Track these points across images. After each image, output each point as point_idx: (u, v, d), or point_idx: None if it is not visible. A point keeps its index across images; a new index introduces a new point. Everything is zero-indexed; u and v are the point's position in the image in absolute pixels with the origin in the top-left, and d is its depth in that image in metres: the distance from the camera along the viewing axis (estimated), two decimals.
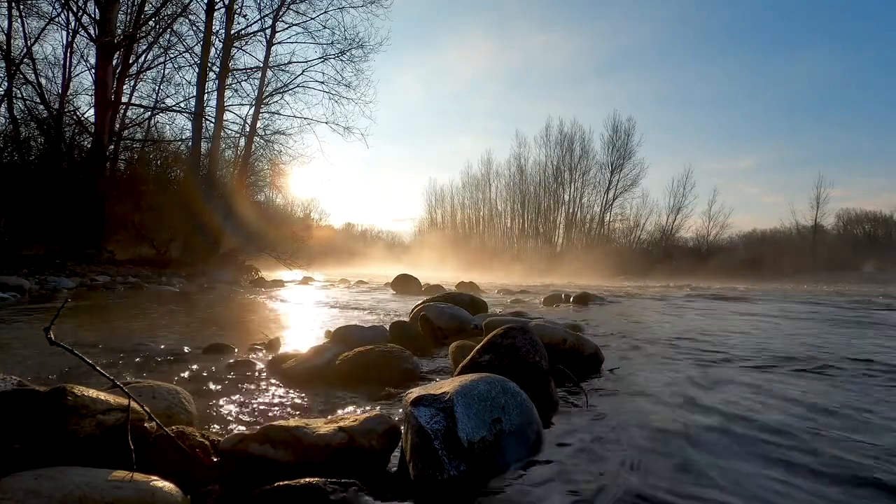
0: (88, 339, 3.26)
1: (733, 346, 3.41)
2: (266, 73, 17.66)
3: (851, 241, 39.85)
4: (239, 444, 1.21)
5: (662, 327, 4.63)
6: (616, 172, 43.20)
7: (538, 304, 7.92)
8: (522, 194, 46.65)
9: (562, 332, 2.56)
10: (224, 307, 6.52)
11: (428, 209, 53.44)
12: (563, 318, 4.89)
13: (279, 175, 20.03)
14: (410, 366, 2.38)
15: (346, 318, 5.03)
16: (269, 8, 17.54)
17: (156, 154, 18.11)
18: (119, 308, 5.75)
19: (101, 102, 13.40)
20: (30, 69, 14.47)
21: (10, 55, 14.26)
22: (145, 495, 0.99)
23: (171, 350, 2.89)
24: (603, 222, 43.95)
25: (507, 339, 1.94)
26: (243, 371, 2.41)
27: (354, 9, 17.92)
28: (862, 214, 42.58)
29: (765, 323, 5.26)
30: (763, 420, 1.71)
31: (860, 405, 1.94)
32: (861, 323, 5.32)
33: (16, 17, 14.54)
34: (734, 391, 2.13)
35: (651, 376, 2.44)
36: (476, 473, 1.21)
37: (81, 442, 1.16)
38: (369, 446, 1.26)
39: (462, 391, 1.33)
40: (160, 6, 15.24)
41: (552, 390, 1.91)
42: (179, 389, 1.60)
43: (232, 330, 4.11)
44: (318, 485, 1.06)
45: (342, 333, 2.98)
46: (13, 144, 13.91)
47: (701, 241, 43.07)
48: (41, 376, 2.16)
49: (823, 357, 2.99)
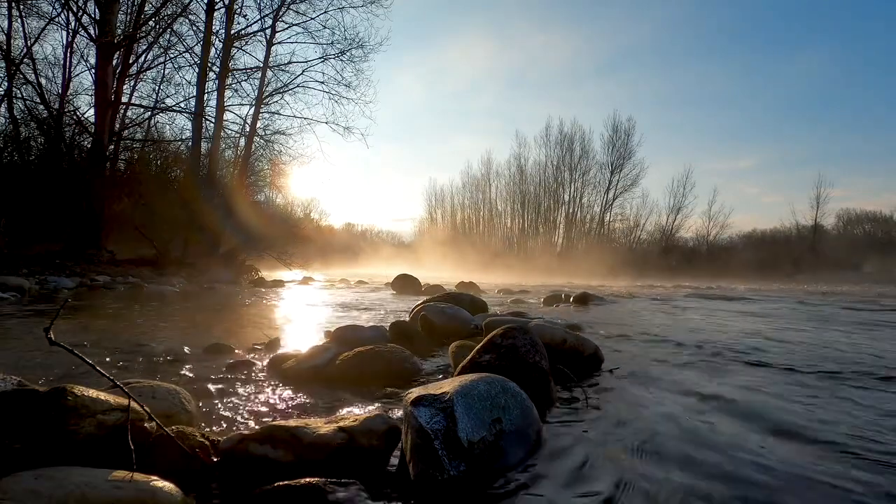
0: (88, 339, 3.26)
1: (734, 346, 3.41)
2: (266, 73, 17.66)
3: (851, 241, 39.84)
4: (239, 444, 1.21)
5: (662, 327, 4.63)
6: (616, 172, 43.20)
7: (538, 304, 7.92)
8: (522, 194, 46.66)
9: (562, 332, 2.56)
10: (224, 307, 6.52)
11: (428, 209, 53.46)
12: (563, 318, 4.89)
13: (279, 175, 20.04)
14: (410, 366, 2.38)
15: (346, 318, 5.03)
16: (269, 8, 17.55)
17: (156, 154, 18.10)
18: (119, 308, 5.75)
19: (101, 102, 13.39)
20: (30, 69, 14.46)
21: (10, 55, 14.25)
22: (145, 495, 0.99)
23: (171, 350, 2.89)
24: (603, 222, 43.94)
25: (507, 339, 1.94)
26: (243, 371, 2.41)
27: (354, 9, 17.91)
28: (862, 214, 42.63)
29: (765, 323, 5.26)
30: (763, 421, 1.71)
31: (861, 406, 1.94)
32: (862, 323, 5.32)
33: (16, 17, 14.53)
34: (735, 391, 2.13)
35: (651, 376, 2.44)
36: (476, 473, 1.21)
37: (81, 442, 1.17)
38: (369, 446, 1.26)
39: (462, 391, 1.33)
40: (160, 6, 15.22)
41: (552, 390, 1.91)
42: (179, 389, 1.60)
43: (232, 330, 4.11)
44: (318, 485, 1.06)
45: (342, 333, 2.98)
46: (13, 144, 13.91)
47: (701, 241, 43.07)
48: (41, 376, 2.16)
49: (822, 357, 2.99)
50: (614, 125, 43.38)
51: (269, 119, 18.68)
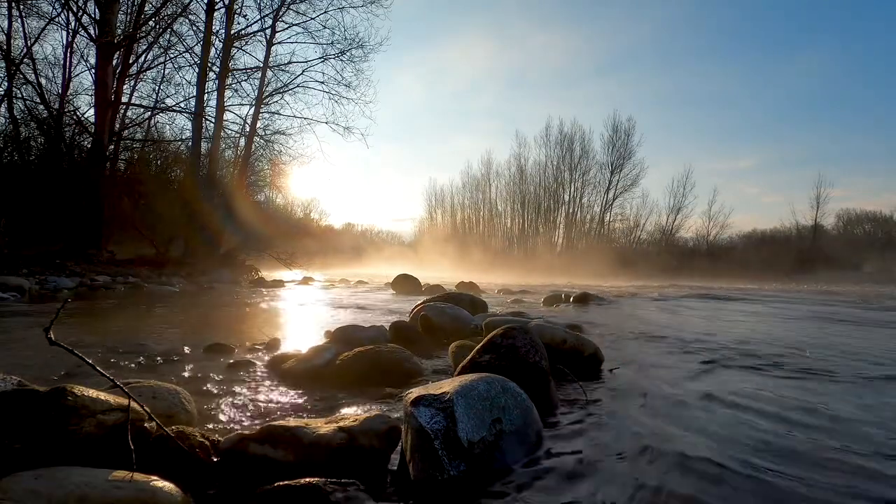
0: (88, 339, 3.26)
1: (734, 346, 3.41)
2: (266, 73, 17.66)
3: (851, 241, 39.83)
4: (239, 443, 1.21)
5: (662, 327, 4.63)
6: (616, 172, 43.17)
7: (538, 304, 7.92)
8: (522, 194, 46.64)
9: (562, 333, 2.56)
10: (224, 307, 6.52)
11: (428, 209, 53.45)
12: (563, 318, 4.89)
13: (279, 175, 20.05)
14: (410, 366, 2.38)
15: (346, 318, 5.03)
16: (269, 8, 17.55)
17: (156, 154, 18.12)
18: (119, 308, 5.75)
19: (101, 102, 13.38)
20: (30, 69, 14.48)
21: (10, 55, 14.26)
22: (145, 495, 0.99)
23: (171, 350, 2.89)
24: (603, 222, 43.92)
25: (507, 340, 1.94)
26: (243, 371, 2.41)
27: (354, 9, 17.91)
28: (862, 214, 42.62)
29: (765, 323, 5.26)
30: (763, 420, 1.71)
31: (861, 406, 1.94)
32: (862, 323, 5.32)
33: (16, 17, 14.55)
34: (735, 391, 2.13)
35: (651, 376, 2.44)
36: (476, 473, 1.21)
37: (81, 442, 1.17)
38: (369, 446, 1.26)
39: (462, 391, 1.33)
40: (160, 6, 15.22)
41: (552, 390, 1.91)
42: (179, 389, 1.60)
43: (232, 330, 4.11)
44: (318, 485, 1.06)
45: (342, 333, 2.98)
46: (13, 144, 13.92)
47: (701, 241, 43.08)
48: (41, 376, 2.16)
49: (819, 357, 2.99)
50: (614, 125, 43.41)
51: (269, 119, 18.70)
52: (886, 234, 39.81)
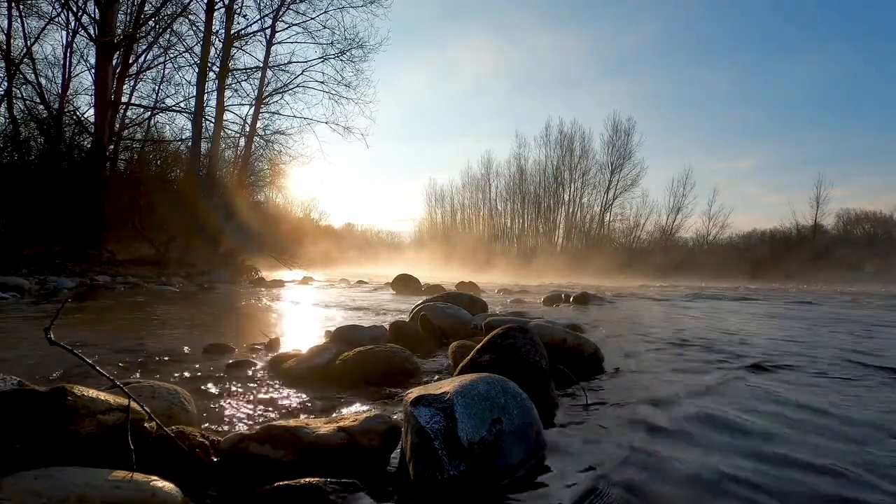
0: (88, 339, 3.26)
1: (734, 346, 3.41)
2: (266, 73, 17.68)
3: (851, 241, 39.81)
4: (239, 443, 1.21)
5: (662, 327, 4.63)
6: (616, 172, 43.19)
7: (538, 304, 7.91)
8: (522, 194, 46.65)
9: (562, 332, 2.56)
10: (224, 307, 6.52)
11: (428, 209, 53.46)
12: (563, 318, 4.89)
13: (279, 175, 20.08)
14: (410, 366, 2.38)
15: (346, 318, 5.03)
16: (269, 8, 17.57)
17: (156, 154, 18.10)
18: (119, 308, 5.75)
19: (101, 102, 13.38)
20: (30, 69, 14.46)
21: (10, 55, 14.25)
22: (145, 495, 0.99)
23: (171, 350, 2.89)
24: (603, 222, 43.93)
25: (507, 339, 1.94)
26: (243, 371, 2.41)
27: (354, 9, 17.94)
28: (862, 214, 42.57)
29: (765, 323, 5.26)
30: (762, 419, 1.71)
31: (861, 406, 1.94)
32: (862, 323, 5.32)
33: (16, 17, 14.52)
34: (735, 391, 2.13)
35: (651, 376, 2.44)
36: (476, 473, 1.21)
37: (81, 442, 1.16)
38: (369, 446, 1.26)
39: (462, 391, 1.33)
40: (160, 6, 15.21)
41: (552, 390, 1.91)
42: (179, 389, 1.60)
43: (232, 330, 4.10)
44: (317, 485, 1.06)
45: (342, 333, 2.98)
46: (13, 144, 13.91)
47: (701, 241, 43.09)
48: (41, 376, 2.16)
49: (819, 357, 2.99)
50: (614, 125, 43.43)
51: (269, 119, 18.73)
52: (886, 234, 39.79)
